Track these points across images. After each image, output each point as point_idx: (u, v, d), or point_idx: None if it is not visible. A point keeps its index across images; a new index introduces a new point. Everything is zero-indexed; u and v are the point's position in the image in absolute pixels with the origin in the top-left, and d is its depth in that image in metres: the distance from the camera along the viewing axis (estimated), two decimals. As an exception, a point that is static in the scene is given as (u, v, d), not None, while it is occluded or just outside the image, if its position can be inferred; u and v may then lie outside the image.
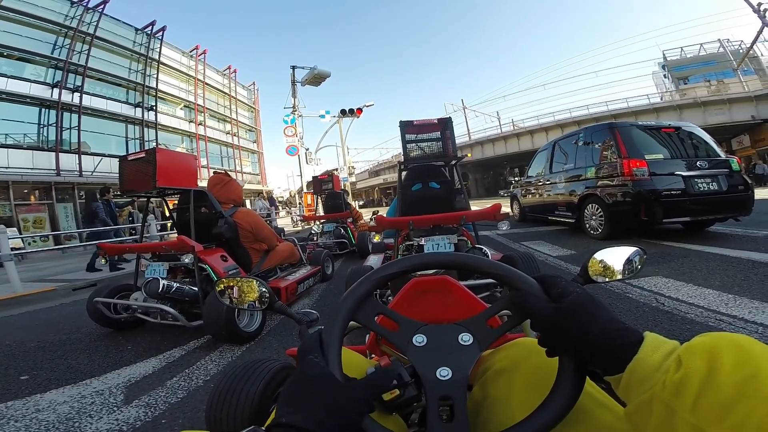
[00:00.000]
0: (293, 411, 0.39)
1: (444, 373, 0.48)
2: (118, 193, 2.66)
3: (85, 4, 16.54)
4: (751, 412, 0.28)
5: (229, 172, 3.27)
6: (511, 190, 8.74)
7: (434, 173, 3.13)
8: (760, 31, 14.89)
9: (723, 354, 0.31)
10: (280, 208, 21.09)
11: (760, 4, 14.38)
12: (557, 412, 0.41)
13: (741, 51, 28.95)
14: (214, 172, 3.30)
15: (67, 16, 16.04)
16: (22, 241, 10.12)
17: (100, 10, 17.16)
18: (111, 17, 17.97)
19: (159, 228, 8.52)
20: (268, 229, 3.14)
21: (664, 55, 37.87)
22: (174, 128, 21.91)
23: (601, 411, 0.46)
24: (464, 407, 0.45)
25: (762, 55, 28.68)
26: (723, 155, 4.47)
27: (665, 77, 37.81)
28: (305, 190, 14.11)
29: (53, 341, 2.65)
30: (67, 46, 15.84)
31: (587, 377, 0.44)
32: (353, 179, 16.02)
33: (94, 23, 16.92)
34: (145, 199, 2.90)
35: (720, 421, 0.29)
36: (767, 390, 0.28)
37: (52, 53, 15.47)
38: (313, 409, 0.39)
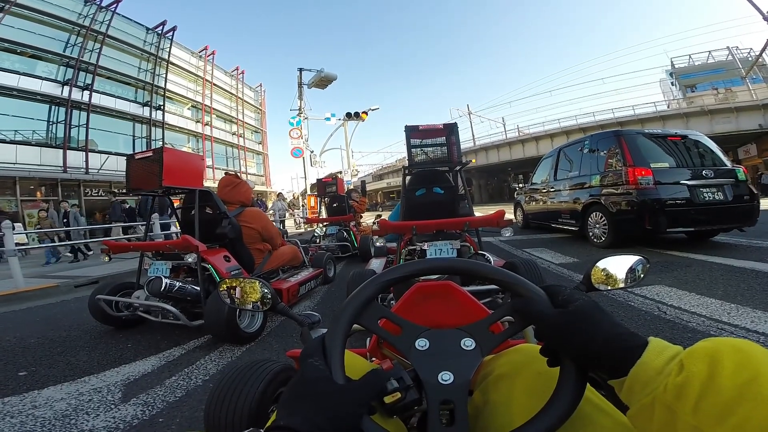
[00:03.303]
0: (291, 414, 0.40)
1: (446, 377, 0.48)
2: (124, 191, 2.69)
3: (98, 3, 16.79)
4: (751, 414, 0.29)
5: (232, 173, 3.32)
6: (515, 196, 8.73)
7: (438, 178, 3.13)
8: (770, 39, 14.79)
9: (724, 358, 0.32)
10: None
11: (770, 11, 14.28)
12: (557, 417, 0.41)
13: (750, 59, 28.79)
14: (225, 173, 3.33)
15: (80, 14, 16.31)
16: (27, 236, 10.20)
17: (113, 9, 17.42)
18: (123, 16, 18.25)
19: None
20: (275, 229, 3.18)
21: (672, 62, 37.77)
22: (181, 128, 22.12)
23: (601, 416, 0.46)
24: (465, 412, 0.45)
25: (771, 62, 28.52)
26: (729, 165, 4.44)
27: (673, 85, 37.69)
28: (309, 192, 14.15)
29: (53, 338, 2.66)
30: (79, 44, 16.08)
31: (587, 383, 0.44)
32: (357, 180, 16.06)
33: (107, 22, 17.17)
34: (143, 198, 2.93)
35: (720, 423, 0.30)
36: (767, 393, 0.29)
37: (64, 51, 15.71)
38: (310, 412, 0.40)
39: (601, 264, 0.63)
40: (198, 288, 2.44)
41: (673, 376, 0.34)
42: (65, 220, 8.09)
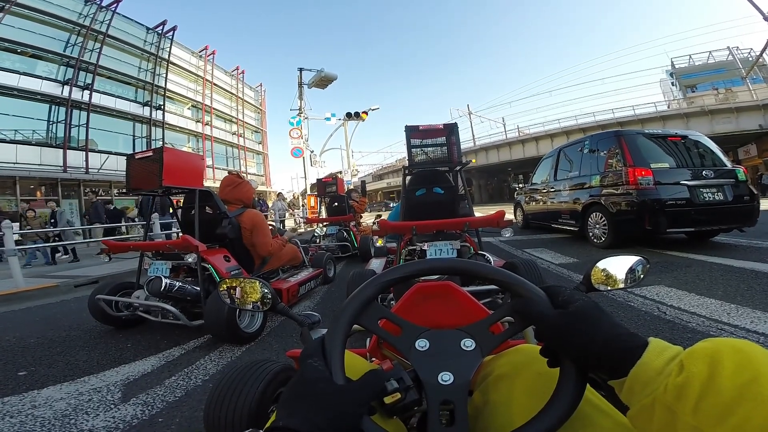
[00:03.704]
0: (291, 414, 0.40)
1: (446, 377, 0.48)
2: (123, 191, 2.69)
3: (98, 3, 16.80)
4: (751, 414, 0.29)
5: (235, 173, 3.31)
6: (515, 196, 8.73)
7: (438, 179, 3.13)
8: (771, 39, 14.78)
9: (724, 358, 0.32)
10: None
11: (771, 12, 14.24)
12: (557, 417, 0.41)
13: (750, 59, 28.79)
14: (228, 173, 3.31)
15: (80, 14, 16.32)
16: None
17: (113, 9, 17.43)
18: (123, 16, 18.26)
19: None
20: (267, 236, 3.01)
21: (672, 62, 37.79)
22: (181, 128, 22.12)
23: (601, 417, 0.46)
24: (465, 412, 0.45)
25: (772, 63, 28.48)
26: (729, 165, 4.45)
27: (673, 85, 37.72)
28: (309, 192, 14.14)
29: (53, 337, 2.66)
30: (80, 44, 16.09)
31: (587, 383, 0.44)
32: (357, 180, 16.07)
33: (107, 22, 17.19)
34: (144, 198, 2.92)
35: (720, 423, 0.30)
36: (767, 393, 0.29)
37: (64, 51, 15.72)
38: (310, 413, 0.40)
39: (601, 264, 0.63)
40: (198, 288, 2.44)
41: (673, 377, 0.34)
42: (53, 221, 8.00)
